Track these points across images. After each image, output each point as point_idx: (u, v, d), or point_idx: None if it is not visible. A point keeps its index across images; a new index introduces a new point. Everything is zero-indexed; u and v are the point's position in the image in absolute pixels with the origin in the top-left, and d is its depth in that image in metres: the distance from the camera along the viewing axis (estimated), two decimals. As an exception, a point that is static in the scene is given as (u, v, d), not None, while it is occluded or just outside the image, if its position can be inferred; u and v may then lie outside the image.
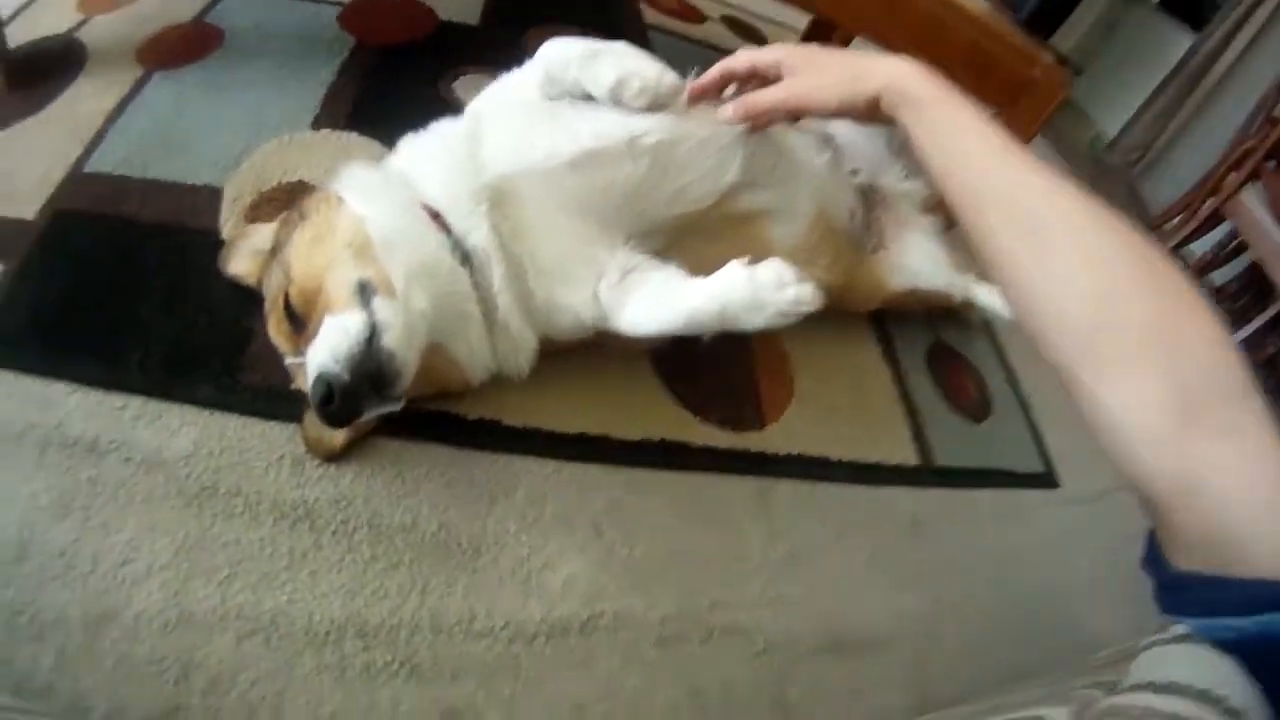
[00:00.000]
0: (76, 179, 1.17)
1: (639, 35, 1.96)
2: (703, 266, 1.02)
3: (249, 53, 1.42)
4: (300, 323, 0.91)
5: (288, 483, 0.97)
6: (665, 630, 1.00)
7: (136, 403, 0.98)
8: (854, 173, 1.31)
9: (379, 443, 1.04)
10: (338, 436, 1.00)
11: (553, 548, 1.02)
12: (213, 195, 1.19)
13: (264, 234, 1.04)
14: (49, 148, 1.21)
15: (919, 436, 1.30)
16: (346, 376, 0.82)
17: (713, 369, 1.24)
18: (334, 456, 1.00)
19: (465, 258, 0.96)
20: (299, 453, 1.00)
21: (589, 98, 1.00)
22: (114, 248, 1.11)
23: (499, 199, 0.97)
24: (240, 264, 1.06)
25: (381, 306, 0.86)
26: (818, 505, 1.19)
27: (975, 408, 1.40)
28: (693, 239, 1.08)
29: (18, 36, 1.37)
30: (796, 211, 1.17)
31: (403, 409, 1.00)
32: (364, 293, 0.86)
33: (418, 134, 1.06)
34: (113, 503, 0.91)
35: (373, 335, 0.84)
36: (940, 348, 1.46)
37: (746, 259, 0.93)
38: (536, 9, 1.80)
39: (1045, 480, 1.37)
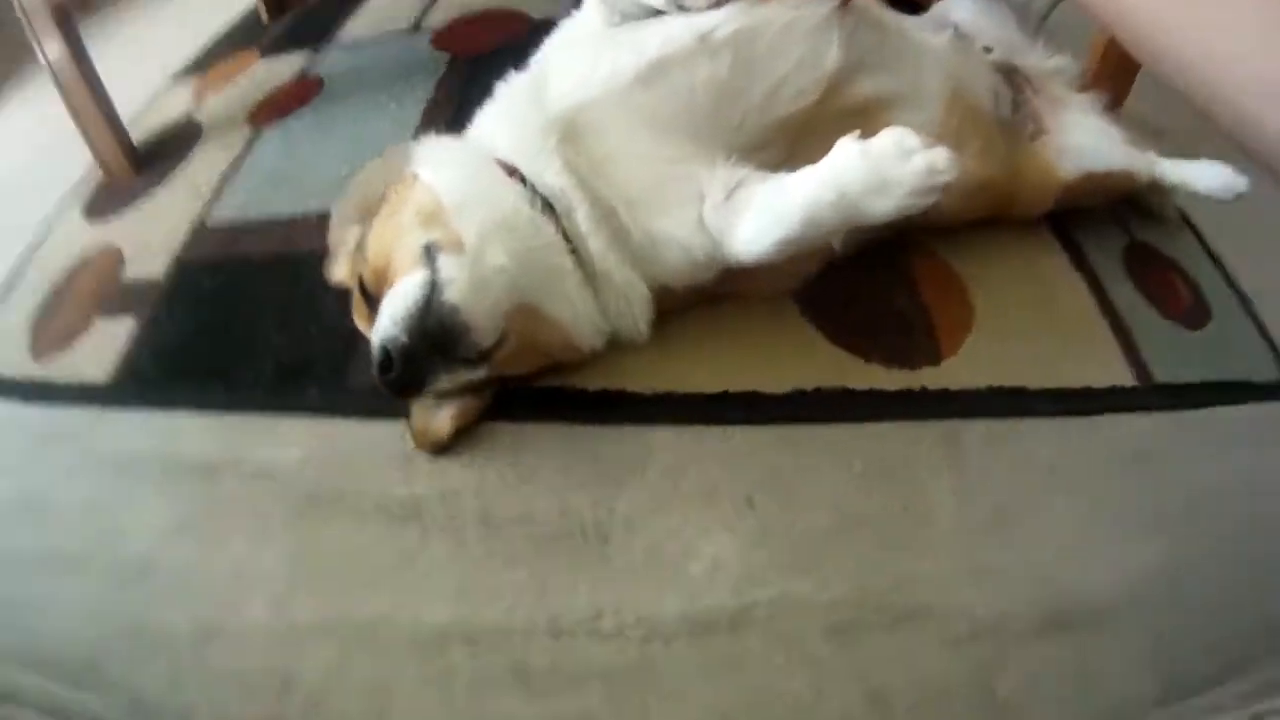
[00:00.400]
0: (198, 233, 1.25)
1: None
2: None
3: (349, 90, 1.48)
4: (376, 303, 0.84)
5: (395, 480, 0.91)
6: (838, 618, 0.81)
7: (250, 420, 0.99)
8: (987, 50, 1.11)
9: (491, 428, 0.95)
10: (445, 426, 0.92)
11: (694, 528, 0.87)
12: (322, 219, 1.18)
13: (354, 233, 1.01)
14: (174, 212, 1.30)
15: (1131, 352, 1.04)
16: (404, 338, 0.74)
17: (870, 300, 1.05)
18: (441, 448, 0.92)
19: (546, 206, 0.87)
20: (408, 449, 0.93)
21: (655, 14, 0.90)
22: (231, 285, 1.16)
23: (570, 133, 0.88)
24: (339, 269, 1.04)
25: (446, 264, 0.78)
26: (1019, 447, 0.95)
27: (1191, 313, 1.12)
28: (810, 147, 0.90)
29: (139, 131, 1.52)
30: (924, 95, 0.98)
31: (515, 388, 0.94)
32: (429, 254, 0.79)
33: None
34: (226, 518, 0.91)
35: (432, 292, 0.75)
36: (1138, 248, 1.19)
37: (855, 135, 0.78)
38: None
39: None
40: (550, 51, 0.97)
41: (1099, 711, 0.78)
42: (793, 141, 0.91)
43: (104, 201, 1.38)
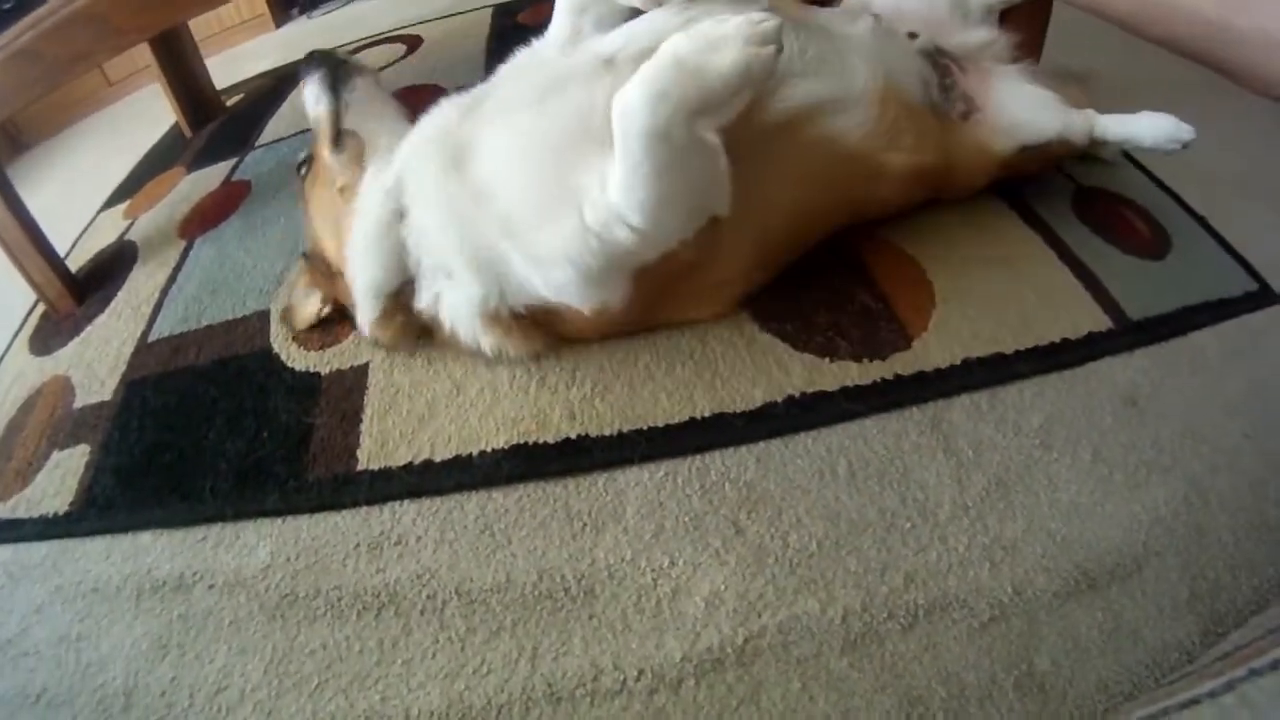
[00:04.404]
0: (142, 350, 1.23)
1: None
2: (764, 196, 0.86)
3: (276, 189, 1.48)
4: None
5: (367, 570, 0.88)
6: (852, 629, 0.76)
7: (214, 530, 0.96)
8: (912, 36, 1.08)
9: (458, 500, 0.92)
10: (308, 314, 1.09)
11: (684, 565, 0.83)
12: (261, 318, 1.20)
13: None
14: (118, 334, 1.29)
15: (1100, 295, 1.01)
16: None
17: (826, 299, 1.02)
18: (298, 332, 1.11)
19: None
20: (375, 536, 0.90)
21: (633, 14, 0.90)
22: (179, 396, 1.13)
23: (457, 154, 0.89)
24: None
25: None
26: (1008, 413, 0.91)
27: (1151, 244, 1.08)
28: (742, 165, 0.87)
29: (79, 259, 1.53)
30: (853, 95, 0.94)
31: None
32: None
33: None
34: (203, 634, 0.88)
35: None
36: (1085, 193, 1.16)
37: None
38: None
39: (1264, 297, 1.03)
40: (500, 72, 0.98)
41: (1144, 664, 0.73)
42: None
43: (49, 335, 1.36)
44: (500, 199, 0.85)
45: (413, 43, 2.07)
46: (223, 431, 1.04)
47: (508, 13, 2.09)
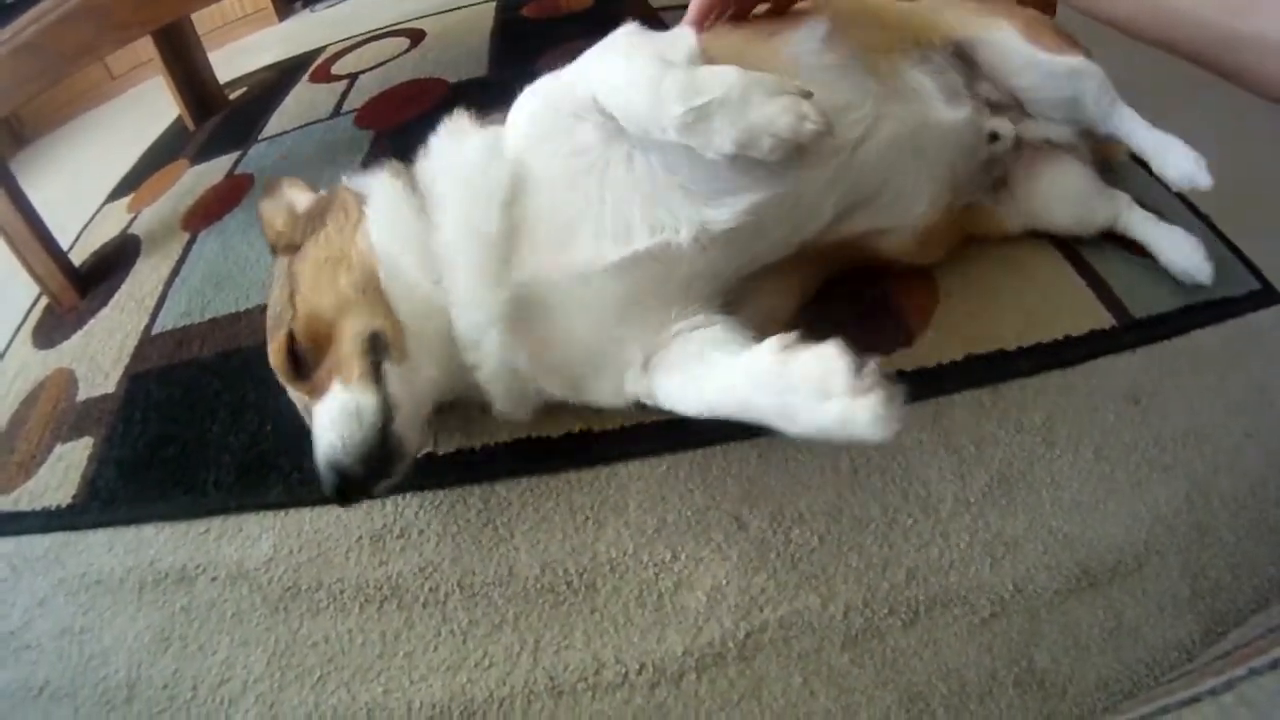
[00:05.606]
0: (146, 343, 1.24)
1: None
2: (788, 302, 0.86)
3: None
4: (305, 366, 0.79)
5: (369, 563, 0.88)
6: (853, 625, 0.77)
7: (217, 522, 0.97)
8: (994, 138, 0.96)
9: (461, 493, 0.92)
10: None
11: (686, 559, 0.83)
12: (264, 312, 1.18)
13: (304, 199, 0.94)
14: (121, 327, 1.29)
15: (1104, 293, 1.00)
16: (359, 468, 0.73)
17: (829, 295, 0.99)
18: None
19: None
20: (377, 529, 0.91)
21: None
22: (183, 389, 1.13)
23: (520, 310, 0.79)
24: (274, 210, 0.96)
25: (394, 378, 0.76)
26: (1010, 410, 0.91)
27: None
28: (769, 277, 0.85)
29: (82, 253, 1.54)
30: (906, 224, 0.91)
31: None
32: (376, 351, 0.76)
33: (452, 144, 0.86)
34: (205, 626, 0.88)
35: (385, 423, 0.74)
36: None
37: (791, 337, 0.67)
38: (537, 38, 1.79)
39: (1266, 296, 1.02)
40: (529, 157, 0.80)
41: (1144, 662, 0.73)
42: (748, 281, 0.85)
43: (52, 328, 1.37)
44: (566, 358, 0.82)
45: (416, 37, 2.07)
46: (226, 424, 1.04)
47: (511, 6, 2.09)
